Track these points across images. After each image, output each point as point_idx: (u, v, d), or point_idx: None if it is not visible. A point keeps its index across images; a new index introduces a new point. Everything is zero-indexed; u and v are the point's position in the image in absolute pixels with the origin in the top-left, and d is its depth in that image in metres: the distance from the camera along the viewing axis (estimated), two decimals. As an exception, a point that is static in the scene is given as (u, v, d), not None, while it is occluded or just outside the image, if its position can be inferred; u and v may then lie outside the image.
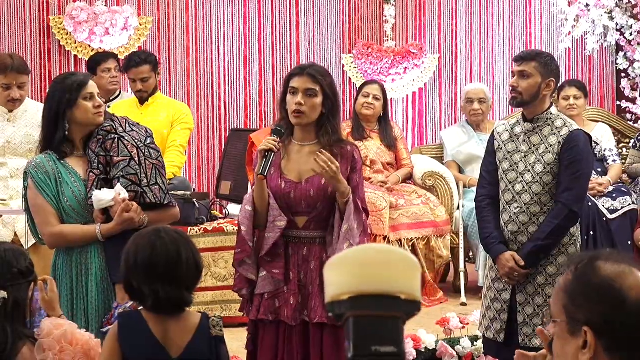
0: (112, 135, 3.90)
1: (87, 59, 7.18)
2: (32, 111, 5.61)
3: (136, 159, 3.89)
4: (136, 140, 3.94)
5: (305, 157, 3.89)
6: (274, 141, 3.80)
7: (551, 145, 4.33)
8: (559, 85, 6.30)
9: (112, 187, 3.84)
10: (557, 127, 4.35)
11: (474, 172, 6.79)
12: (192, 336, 3.17)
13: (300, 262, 3.88)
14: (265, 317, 3.84)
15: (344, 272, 1.37)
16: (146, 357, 3.15)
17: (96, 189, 3.82)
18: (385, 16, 8.22)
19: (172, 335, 3.17)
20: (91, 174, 3.85)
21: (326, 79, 3.92)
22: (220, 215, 6.40)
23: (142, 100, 6.50)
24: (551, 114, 4.39)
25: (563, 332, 2.02)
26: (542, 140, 4.36)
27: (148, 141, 4.01)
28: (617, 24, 8.11)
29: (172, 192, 4.16)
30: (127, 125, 4.00)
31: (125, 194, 3.80)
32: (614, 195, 6.59)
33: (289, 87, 3.88)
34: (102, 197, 3.78)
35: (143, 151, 3.94)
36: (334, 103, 3.91)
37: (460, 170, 7.16)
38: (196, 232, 5.94)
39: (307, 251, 3.89)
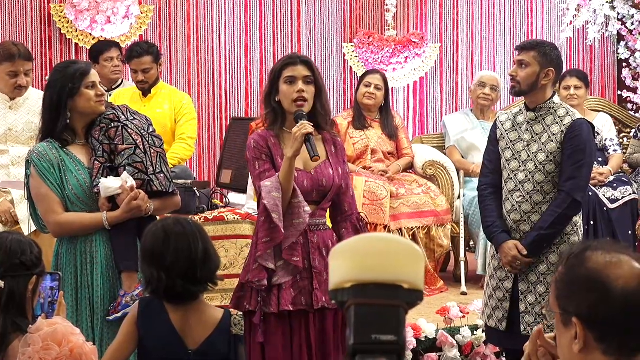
0: (116, 124, 3.90)
1: (88, 48, 7.18)
2: (33, 99, 5.61)
3: (141, 147, 3.90)
4: (139, 129, 3.95)
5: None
6: (309, 124, 3.79)
7: (554, 134, 4.33)
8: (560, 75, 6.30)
9: (117, 175, 3.83)
10: (559, 116, 4.36)
11: (474, 159, 6.80)
12: (212, 331, 3.20)
13: (313, 250, 3.89)
14: (287, 308, 3.81)
15: (347, 260, 1.38)
16: (162, 344, 3.18)
17: (102, 177, 3.81)
18: (387, 5, 8.21)
19: (192, 327, 3.20)
20: (96, 162, 3.84)
21: (314, 65, 3.98)
22: (221, 204, 6.40)
23: (144, 92, 6.50)
24: (554, 103, 4.40)
25: (558, 323, 2.05)
26: (544, 129, 4.36)
27: (150, 129, 4.01)
28: (618, 14, 8.11)
29: (173, 181, 4.16)
30: (128, 113, 4.00)
31: (132, 182, 3.80)
32: (615, 185, 6.60)
33: (283, 78, 3.88)
34: (110, 185, 3.77)
35: (147, 139, 3.94)
36: (324, 88, 3.98)
37: (462, 157, 7.15)
38: (197, 220, 5.94)
39: (317, 238, 3.91)
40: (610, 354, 1.97)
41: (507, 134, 4.46)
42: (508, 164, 4.43)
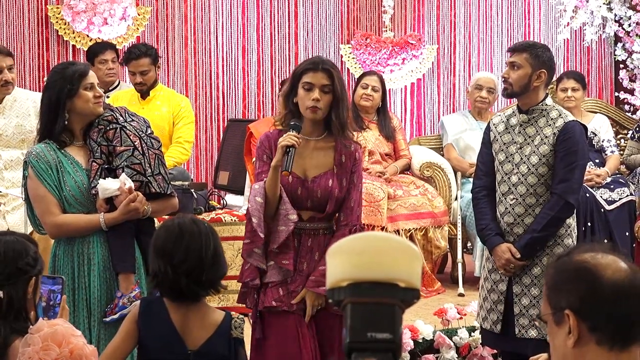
0: (114, 125, 3.90)
1: (85, 49, 7.18)
2: (21, 100, 5.56)
3: (139, 148, 3.90)
4: (138, 130, 3.95)
5: (310, 151, 3.93)
6: (295, 137, 3.80)
7: (546, 137, 4.33)
8: (556, 76, 6.31)
9: (115, 176, 3.83)
10: (552, 119, 4.36)
11: (471, 160, 6.80)
12: (212, 333, 3.22)
13: (304, 253, 3.93)
14: (272, 305, 3.87)
15: (344, 259, 1.38)
16: (162, 344, 3.19)
17: (100, 178, 3.81)
18: (384, 6, 8.22)
19: (192, 328, 3.21)
20: (94, 163, 3.84)
21: (337, 73, 3.94)
22: (218, 206, 6.41)
23: (143, 94, 6.49)
24: (546, 105, 4.40)
25: (551, 325, 2.06)
26: (537, 131, 4.36)
27: (149, 131, 4.02)
28: (615, 15, 8.11)
29: (171, 182, 4.17)
30: (126, 115, 4.00)
31: (130, 184, 3.81)
32: (612, 186, 6.59)
33: (301, 83, 3.88)
34: (108, 186, 3.77)
35: (145, 141, 3.94)
36: (345, 96, 3.94)
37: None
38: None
39: (312, 242, 3.94)
40: (603, 343, 1.98)
41: (501, 137, 4.46)
42: (501, 167, 4.43)
